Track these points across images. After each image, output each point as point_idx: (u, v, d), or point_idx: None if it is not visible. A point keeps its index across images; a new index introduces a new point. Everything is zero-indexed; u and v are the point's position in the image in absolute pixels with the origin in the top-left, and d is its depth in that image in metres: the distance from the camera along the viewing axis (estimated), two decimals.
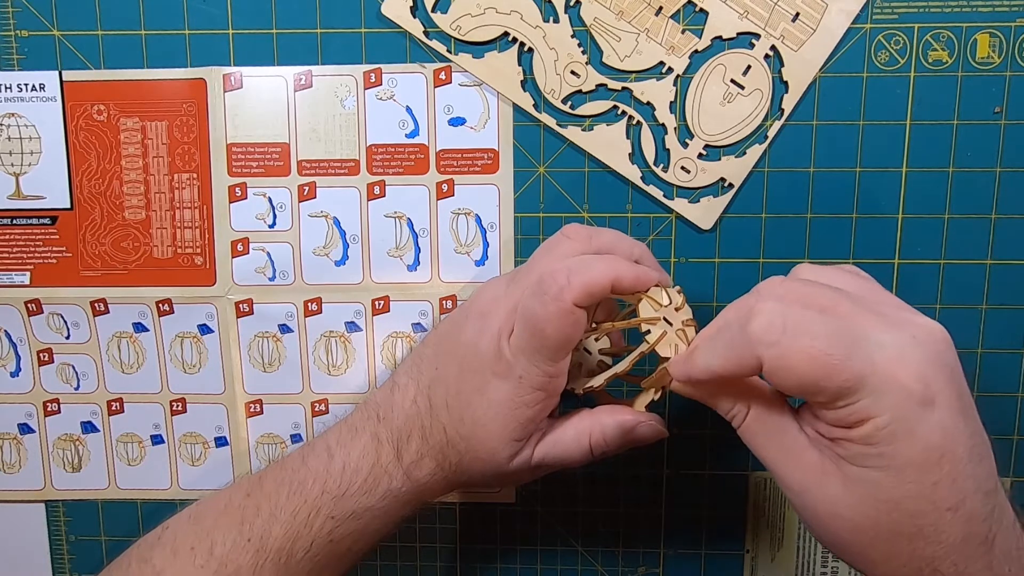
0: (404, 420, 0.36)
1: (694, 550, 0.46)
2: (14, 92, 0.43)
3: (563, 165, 0.43)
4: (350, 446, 0.37)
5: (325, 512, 0.36)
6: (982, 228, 0.42)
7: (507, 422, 0.35)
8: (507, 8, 0.41)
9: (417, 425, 0.36)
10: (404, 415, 0.36)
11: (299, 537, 0.36)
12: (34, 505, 0.48)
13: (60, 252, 0.45)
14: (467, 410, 0.35)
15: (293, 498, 0.36)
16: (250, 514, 0.36)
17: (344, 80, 0.43)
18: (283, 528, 0.36)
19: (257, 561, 0.35)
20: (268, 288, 0.45)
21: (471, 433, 0.35)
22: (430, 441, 0.36)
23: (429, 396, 0.36)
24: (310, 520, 0.36)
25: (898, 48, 0.41)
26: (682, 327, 0.34)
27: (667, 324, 0.34)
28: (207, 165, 0.44)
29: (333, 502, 0.36)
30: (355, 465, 0.36)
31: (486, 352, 0.35)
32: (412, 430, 0.36)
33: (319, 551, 0.36)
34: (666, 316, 0.34)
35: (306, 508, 0.36)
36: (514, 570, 0.47)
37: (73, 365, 0.46)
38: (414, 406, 0.36)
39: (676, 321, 0.34)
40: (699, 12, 0.41)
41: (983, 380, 0.43)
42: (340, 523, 0.36)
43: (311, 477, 0.36)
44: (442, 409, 0.36)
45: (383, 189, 0.43)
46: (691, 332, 0.34)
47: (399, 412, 0.37)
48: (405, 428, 0.36)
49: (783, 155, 0.42)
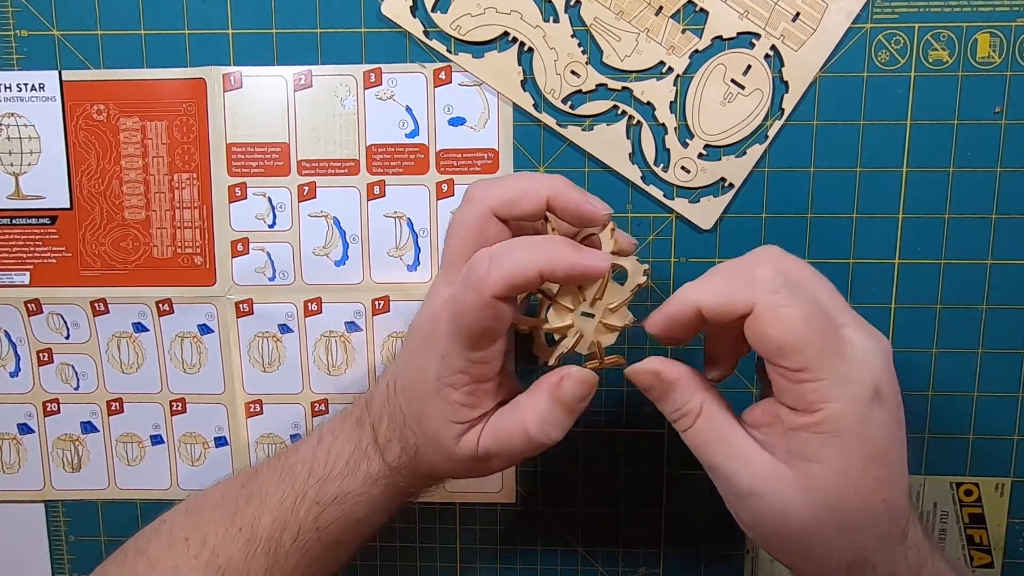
0: (379, 403, 0.37)
1: (694, 550, 0.46)
2: (14, 92, 0.43)
3: (563, 165, 0.43)
4: (339, 431, 0.37)
5: (311, 497, 0.36)
6: (982, 228, 0.42)
7: (439, 402, 0.34)
8: (507, 8, 0.41)
9: (387, 408, 0.36)
10: (379, 398, 0.37)
11: (287, 526, 0.36)
12: (34, 505, 0.48)
13: (60, 252, 0.45)
14: (412, 391, 0.35)
15: (282, 484, 0.37)
16: (242, 504, 0.37)
17: (344, 80, 0.43)
18: (271, 516, 0.36)
19: (248, 550, 0.36)
20: (268, 288, 0.45)
21: (418, 413, 0.35)
22: (395, 422, 0.36)
23: (396, 379, 0.36)
24: (296, 506, 0.36)
25: (898, 48, 0.41)
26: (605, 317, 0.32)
27: (586, 319, 0.32)
28: (207, 165, 0.44)
29: (317, 486, 0.36)
30: (340, 448, 0.37)
31: (423, 331, 0.34)
32: (383, 412, 0.36)
33: (307, 539, 0.36)
34: (583, 311, 0.32)
35: (292, 493, 0.36)
36: (514, 570, 0.47)
37: (73, 365, 0.46)
38: (386, 389, 0.37)
39: (598, 310, 0.32)
40: (699, 12, 0.41)
41: (983, 380, 0.43)
42: (324, 508, 0.36)
43: (300, 462, 0.37)
44: (399, 391, 0.36)
45: (383, 189, 0.43)
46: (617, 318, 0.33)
47: (377, 395, 0.37)
48: (379, 411, 0.37)
49: (783, 155, 0.42)
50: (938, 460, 0.44)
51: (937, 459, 0.44)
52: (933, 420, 0.44)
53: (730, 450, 0.31)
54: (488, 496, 0.46)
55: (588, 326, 0.33)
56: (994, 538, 0.45)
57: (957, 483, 0.45)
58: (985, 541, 0.45)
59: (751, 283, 0.30)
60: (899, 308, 0.43)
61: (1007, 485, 0.44)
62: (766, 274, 0.30)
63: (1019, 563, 0.45)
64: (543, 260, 0.30)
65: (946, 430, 0.44)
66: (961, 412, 0.44)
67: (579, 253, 0.31)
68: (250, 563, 0.35)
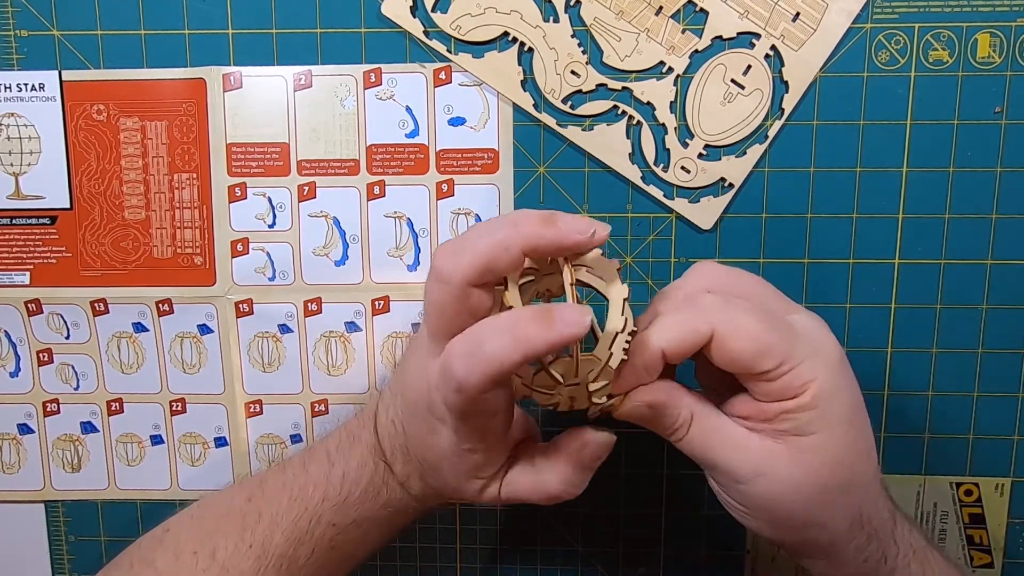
0: (389, 440, 0.36)
1: (694, 550, 0.46)
2: (14, 92, 0.43)
3: (563, 165, 0.43)
4: (349, 454, 0.37)
5: (327, 520, 0.36)
6: (982, 228, 0.42)
7: (458, 465, 0.34)
8: (507, 8, 0.41)
9: (399, 446, 0.36)
10: (388, 436, 0.36)
11: (301, 544, 0.36)
12: (34, 505, 0.48)
13: (60, 252, 0.45)
14: (424, 452, 0.35)
15: (294, 505, 0.36)
16: (252, 520, 0.36)
17: (344, 80, 0.43)
18: (285, 535, 0.36)
19: (259, 567, 0.35)
20: (268, 288, 0.45)
21: (434, 471, 0.35)
22: (412, 466, 0.36)
23: (403, 423, 0.35)
24: (311, 528, 0.36)
25: (898, 48, 0.41)
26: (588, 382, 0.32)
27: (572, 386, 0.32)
28: (207, 165, 0.43)
29: (334, 510, 0.36)
30: (355, 475, 0.36)
31: (423, 407, 0.33)
32: (396, 450, 0.36)
33: (320, 557, 0.36)
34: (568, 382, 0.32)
35: (307, 515, 0.36)
36: (514, 570, 0.47)
37: (73, 365, 0.46)
38: (394, 428, 0.36)
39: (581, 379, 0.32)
40: (699, 12, 0.41)
41: (983, 380, 0.43)
42: (341, 531, 0.36)
43: (311, 484, 0.36)
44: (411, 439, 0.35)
45: (383, 189, 0.43)
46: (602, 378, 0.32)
47: (385, 432, 0.36)
48: (390, 447, 0.36)
49: (783, 155, 0.42)
50: (938, 460, 0.44)
51: (937, 459, 0.44)
52: (933, 420, 0.44)
53: (726, 444, 0.32)
54: None
55: (578, 392, 0.32)
56: (994, 538, 0.45)
57: (957, 483, 0.45)
58: (985, 541, 0.45)
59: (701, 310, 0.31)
60: (899, 308, 0.43)
61: (1007, 485, 0.44)
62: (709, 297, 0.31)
63: (1019, 563, 0.45)
64: (518, 352, 0.28)
65: (946, 430, 0.44)
66: (961, 412, 0.44)
67: (550, 328, 0.28)
68: None
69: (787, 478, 0.31)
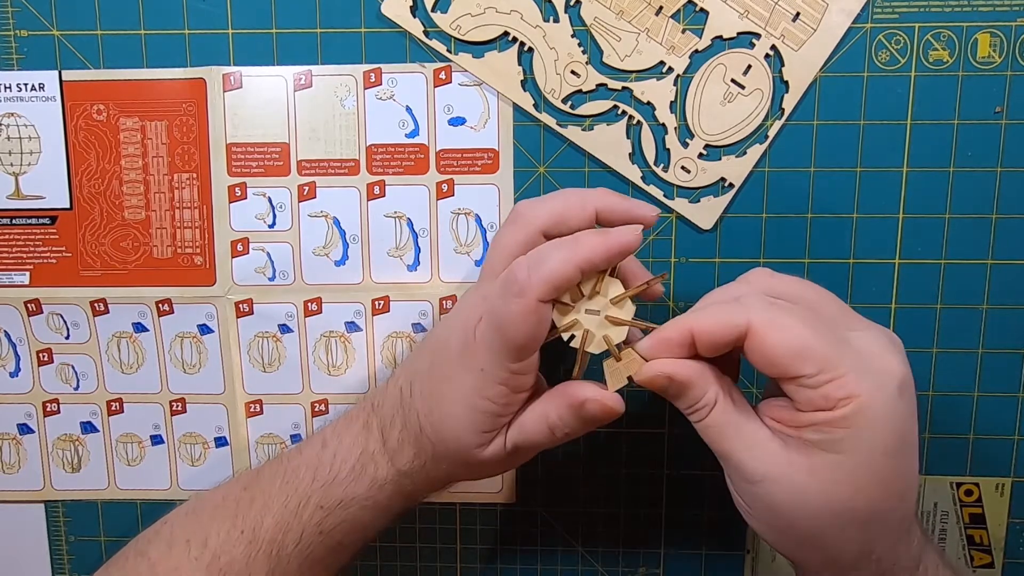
0: (390, 407, 0.37)
1: (694, 550, 0.46)
2: (14, 92, 0.43)
3: (563, 165, 0.43)
4: (344, 434, 0.37)
5: (315, 501, 0.36)
6: (982, 228, 0.42)
7: (472, 414, 0.34)
8: (507, 8, 0.41)
9: (399, 412, 0.36)
10: (390, 402, 0.37)
11: (289, 528, 0.36)
12: (34, 505, 0.48)
13: (60, 252, 0.45)
14: (436, 400, 0.35)
15: (285, 487, 0.36)
16: (244, 506, 0.37)
17: (344, 80, 0.43)
18: (274, 519, 0.36)
19: (250, 553, 0.36)
20: (268, 288, 0.45)
21: (441, 422, 0.35)
22: (409, 428, 0.36)
23: (410, 384, 0.36)
24: (299, 510, 0.36)
25: (898, 48, 0.41)
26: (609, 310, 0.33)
27: (591, 316, 0.33)
28: (207, 165, 0.43)
29: (323, 490, 0.36)
30: (345, 453, 0.37)
31: (454, 344, 0.34)
32: (395, 416, 0.36)
33: (310, 542, 0.36)
34: (587, 308, 0.33)
35: (296, 497, 0.36)
36: (514, 570, 0.47)
37: (73, 365, 0.46)
38: (398, 393, 0.37)
39: (600, 307, 0.33)
40: (699, 12, 0.41)
41: (983, 380, 0.43)
42: (329, 512, 0.36)
43: (304, 465, 0.37)
44: (418, 398, 0.36)
45: (383, 189, 0.43)
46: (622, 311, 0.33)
47: (387, 399, 0.37)
48: (389, 414, 0.37)
49: (783, 155, 0.42)
50: (938, 460, 0.44)
51: (937, 459, 0.44)
52: (933, 420, 0.44)
53: (742, 437, 0.31)
54: (488, 496, 0.46)
55: (593, 322, 0.33)
56: (994, 538, 0.45)
57: (957, 483, 0.45)
58: (985, 541, 0.45)
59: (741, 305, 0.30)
60: (899, 308, 0.43)
61: (1007, 485, 0.44)
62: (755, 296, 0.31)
63: (1019, 563, 0.45)
64: (579, 256, 0.31)
65: (946, 430, 0.44)
66: (961, 412, 0.44)
67: (607, 236, 0.31)
68: (251, 565, 0.35)
69: (797, 489, 0.30)
